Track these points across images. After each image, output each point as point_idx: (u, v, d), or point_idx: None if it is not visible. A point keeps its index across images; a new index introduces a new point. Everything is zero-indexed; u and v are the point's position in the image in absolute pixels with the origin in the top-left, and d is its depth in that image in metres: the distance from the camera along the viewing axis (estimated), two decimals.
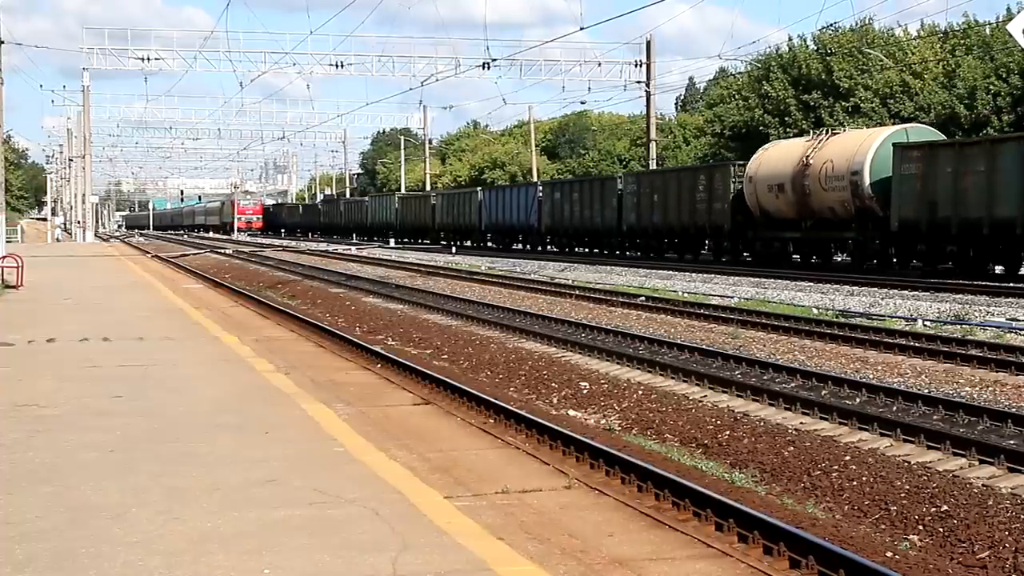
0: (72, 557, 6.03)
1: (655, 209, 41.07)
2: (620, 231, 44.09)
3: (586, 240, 48.34)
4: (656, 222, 41.16)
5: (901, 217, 29.08)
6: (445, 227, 64.51)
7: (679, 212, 39.64)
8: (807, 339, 18.07)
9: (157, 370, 13.11)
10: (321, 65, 57.69)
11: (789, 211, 34.15)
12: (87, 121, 76.53)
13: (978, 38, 52.46)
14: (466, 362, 16.99)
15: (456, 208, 62.67)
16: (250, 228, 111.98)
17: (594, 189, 46.94)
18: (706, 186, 38.27)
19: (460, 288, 30.59)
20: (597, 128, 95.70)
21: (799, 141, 36.27)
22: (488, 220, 57.49)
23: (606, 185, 46.03)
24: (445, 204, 65.10)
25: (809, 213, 33.38)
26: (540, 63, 57.54)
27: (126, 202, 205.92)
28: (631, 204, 42.88)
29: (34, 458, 8.40)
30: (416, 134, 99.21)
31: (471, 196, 61.15)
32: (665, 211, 40.50)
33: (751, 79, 61.94)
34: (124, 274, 35.52)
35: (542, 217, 50.79)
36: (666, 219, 40.51)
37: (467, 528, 6.74)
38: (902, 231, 29.37)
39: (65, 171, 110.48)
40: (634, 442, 11.12)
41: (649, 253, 42.49)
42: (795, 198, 33.52)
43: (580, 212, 47.04)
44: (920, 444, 10.44)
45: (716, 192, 37.63)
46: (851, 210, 31.45)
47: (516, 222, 53.91)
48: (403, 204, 73.32)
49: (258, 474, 7.90)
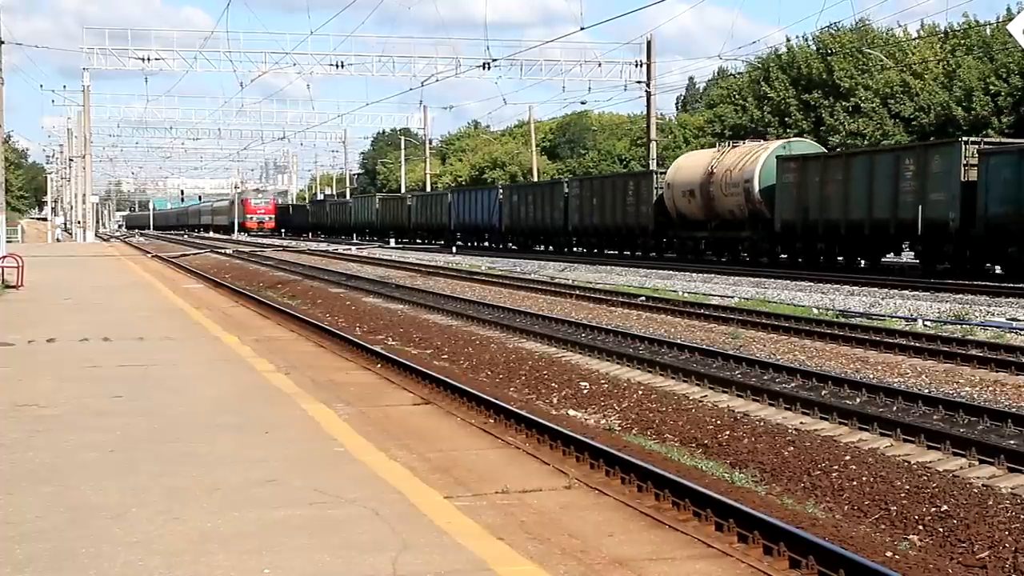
0: (72, 557, 6.03)
1: (595, 211, 45.88)
2: (567, 230, 48.97)
3: (540, 238, 53.39)
4: (596, 223, 45.95)
5: (782, 219, 34.12)
6: (419, 226, 69.16)
7: (614, 214, 44.44)
8: (807, 339, 18.07)
9: (157, 370, 13.10)
10: (321, 65, 57.73)
11: (699, 213, 38.86)
12: (87, 121, 76.51)
13: (978, 38, 52.46)
14: (466, 362, 16.99)
15: (429, 209, 67.15)
16: (261, 228, 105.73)
17: (545, 193, 51.72)
18: (634, 191, 43.11)
19: (460, 288, 30.59)
20: (597, 128, 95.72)
21: (707, 152, 41.08)
22: (457, 220, 61.75)
23: (555, 189, 50.66)
24: (419, 205, 69.54)
25: (714, 215, 38.10)
26: (540, 63, 57.57)
27: (126, 202, 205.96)
28: (575, 207, 47.76)
29: (34, 458, 8.40)
30: (416, 134, 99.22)
31: (442, 198, 65.80)
32: (603, 213, 45.21)
33: (751, 80, 61.96)
34: (124, 274, 35.52)
35: (503, 218, 55.44)
36: (603, 220, 45.28)
37: (467, 528, 6.74)
38: (783, 231, 34.34)
39: (65, 171, 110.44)
40: (634, 442, 11.12)
41: (592, 250, 47.08)
42: (703, 202, 38.22)
43: (534, 213, 51.89)
44: (920, 444, 10.44)
45: (642, 197, 42.46)
46: (746, 213, 36.25)
47: (481, 222, 58.48)
48: (383, 205, 77.72)
49: (258, 474, 7.90)
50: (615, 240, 45.68)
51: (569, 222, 48.17)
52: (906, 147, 35.27)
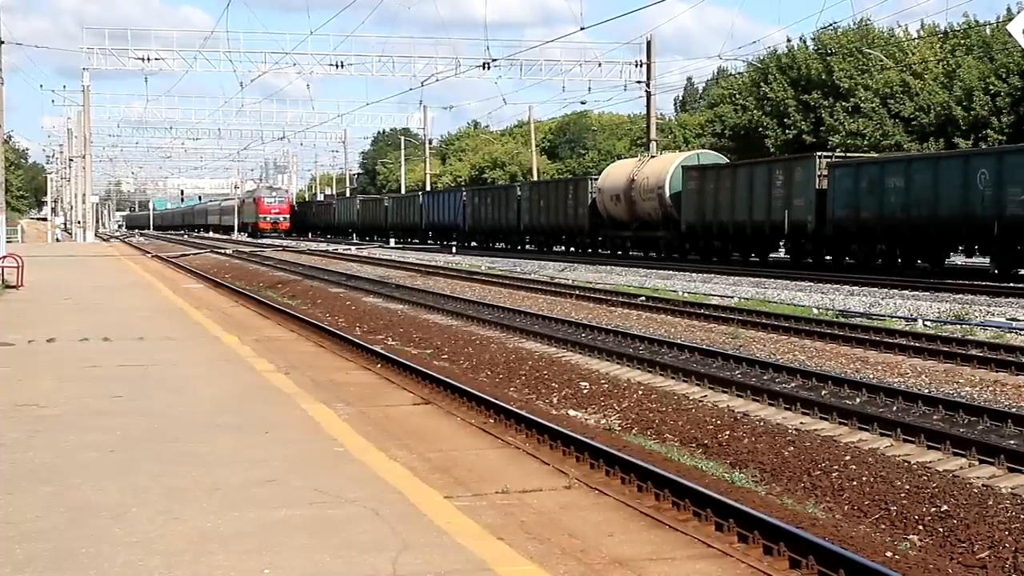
0: (72, 557, 6.02)
1: (542, 212, 50.84)
2: (519, 229, 53.94)
3: (499, 237, 57.75)
4: (543, 223, 50.94)
5: (686, 221, 39.28)
6: (395, 226, 73.68)
7: (557, 215, 49.42)
8: (807, 339, 18.07)
9: (157, 370, 13.10)
10: (321, 65, 57.72)
11: (624, 215, 43.83)
12: (87, 121, 76.50)
13: (978, 38, 52.45)
14: (466, 362, 16.99)
15: (404, 210, 71.93)
16: (276, 229, 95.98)
17: (501, 196, 56.90)
18: (573, 195, 47.95)
19: (460, 288, 30.60)
20: (597, 128, 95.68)
21: (631, 161, 46.38)
22: (428, 220, 66.61)
23: (509, 192, 55.99)
24: (395, 206, 74.41)
25: (636, 217, 43.24)
26: (540, 63, 57.57)
27: (126, 202, 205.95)
28: (526, 208, 52.56)
29: (34, 458, 8.40)
30: (416, 134, 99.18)
31: (415, 199, 70.53)
32: (548, 214, 50.25)
33: (751, 80, 61.96)
34: (124, 274, 35.52)
35: (466, 218, 60.09)
36: (549, 220, 50.30)
37: (467, 528, 6.74)
38: (688, 231, 39.57)
39: (65, 171, 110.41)
40: (634, 442, 11.12)
41: (540, 247, 52.43)
42: (627, 206, 43.24)
43: (493, 214, 56.65)
44: (920, 444, 10.44)
45: (579, 200, 47.27)
46: (660, 215, 41.54)
47: (448, 222, 63.25)
48: (363, 206, 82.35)
49: (258, 474, 7.90)
50: (560, 238, 51.16)
51: (521, 222, 53.20)
52: (776, 160, 40.03)
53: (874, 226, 30.85)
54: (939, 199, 28.52)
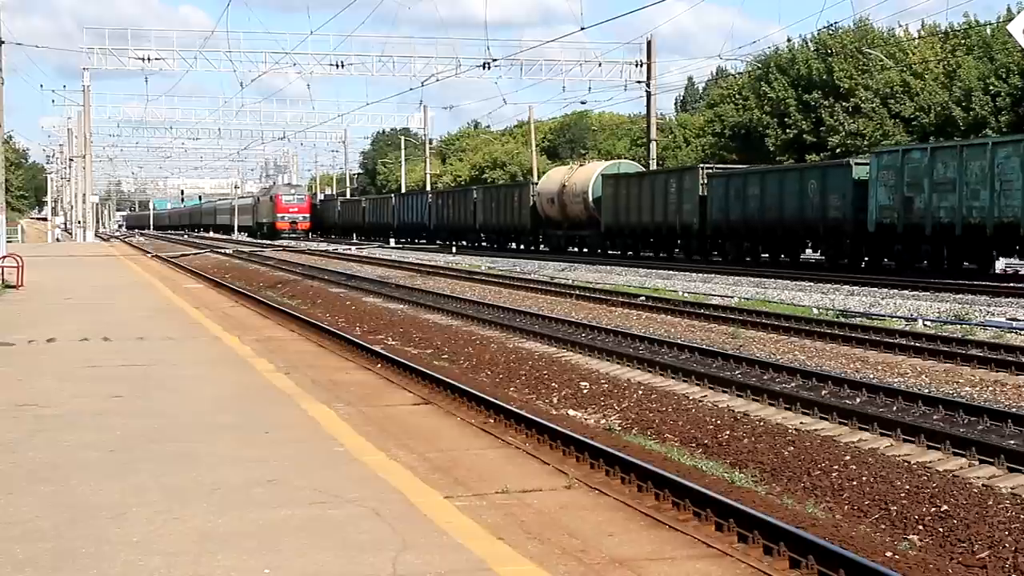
0: (72, 557, 6.02)
1: (493, 213, 57.40)
2: (475, 228, 60.33)
3: (458, 235, 63.60)
4: (494, 223, 57.47)
5: (605, 222, 45.60)
6: (371, 225, 79.22)
7: (505, 216, 55.95)
8: (807, 339, 18.07)
9: (157, 370, 13.10)
10: (321, 65, 57.69)
11: (558, 216, 50.21)
12: (87, 121, 76.48)
13: (978, 38, 52.43)
14: (466, 362, 16.99)
15: (379, 211, 77.65)
16: (294, 230, 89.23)
17: (460, 198, 63.33)
18: (518, 198, 54.38)
19: (460, 288, 30.60)
20: (597, 128, 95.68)
21: (564, 168, 53.05)
22: (399, 221, 72.45)
23: (467, 195, 62.06)
24: (371, 207, 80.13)
25: (567, 218, 49.61)
26: (540, 63, 57.54)
27: (126, 202, 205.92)
28: (480, 210, 59.10)
29: (34, 458, 8.40)
30: (416, 134, 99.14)
31: (388, 200, 76.62)
32: (498, 215, 56.79)
33: (751, 80, 61.95)
34: (124, 274, 35.52)
35: (432, 218, 66.50)
36: (498, 221, 56.81)
37: (467, 528, 6.74)
38: (606, 231, 46.02)
39: (65, 171, 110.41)
40: (634, 442, 11.12)
41: (493, 244, 58.42)
42: (559, 208, 49.65)
43: (453, 215, 63.19)
44: (920, 444, 10.44)
45: (523, 202, 53.59)
46: (585, 216, 47.62)
47: (416, 222, 69.64)
48: (343, 207, 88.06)
49: (258, 474, 7.90)
50: (509, 236, 57.52)
51: (477, 222, 59.58)
52: (671, 171, 47.27)
53: (739, 227, 37.52)
54: (783, 206, 35.08)
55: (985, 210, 27.52)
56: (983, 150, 28.24)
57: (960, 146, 29.82)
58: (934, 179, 29.15)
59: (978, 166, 27.94)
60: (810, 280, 28.62)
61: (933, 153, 29.88)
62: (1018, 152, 26.97)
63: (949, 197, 28.55)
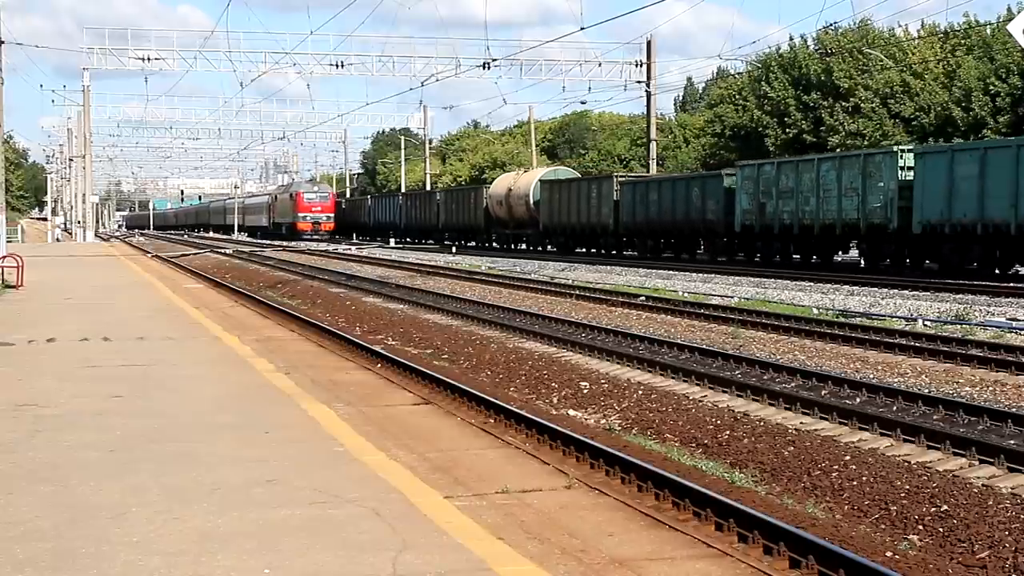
0: (72, 557, 6.02)
1: (452, 213, 63.26)
2: (439, 228, 66.12)
3: (424, 233, 70.23)
4: (454, 222, 63.24)
5: (543, 222, 51.41)
6: (348, 225, 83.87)
7: (463, 216, 61.44)
8: (807, 339, 18.07)
9: (157, 370, 13.10)
10: (321, 65, 57.69)
11: (505, 217, 55.72)
12: (87, 121, 76.45)
13: (978, 38, 52.41)
14: (466, 362, 16.99)
15: (357, 211, 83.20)
16: (317, 231, 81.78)
17: (425, 200, 69.60)
18: (473, 200, 59.74)
19: (460, 288, 30.60)
20: (597, 128, 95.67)
21: (512, 174, 59.36)
22: (374, 220, 78.13)
23: (432, 197, 68.54)
24: (349, 207, 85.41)
25: (513, 219, 55.11)
26: (540, 63, 57.55)
27: (126, 202, 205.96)
28: (443, 210, 64.83)
29: (34, 458, 8.40)
30: (416, 134, 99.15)
31: (364, 202, 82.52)
32: (457, 215, 62.45)
33: (751, 79, 61.95)
34: (124, 274, 35.51)
35: (402, 218, 72.26)
36: (458, 220, 62.47)
37: (467, 528, 6.74)
38: (545, 230, 51.75)
39: (65, 171, 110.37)
40: (634, 442, 11.12)
41: (454, 241, 63.30)
42: (507, 210, 55.16)
43: (419, 215, 69.34)
44: (920, 444, 10.44)
45: (478, 204, 58.86)
46: (528, 217, 53.29)
47: (389, 222, 75.48)
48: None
49: (258, 474, 7.90)
50: (467, 234, 62.66)
51: (440, 221, 65.32)
52: (593, 178, 52.47)
53: (643, 228, 43.87)
54: (675, 209, 41.36)
55: (813, 213, 33.86)
56: (812, 164, 34.72)
57: (796, 161, 36.41)
58: (780, 188, 35.34)
59: (808, 177, 34.13)
60: (810, 280, 28.63)
61: (779, 167, 36.15)
62: (834, 167, 33.37)
63: (789, 203, 34.85)
